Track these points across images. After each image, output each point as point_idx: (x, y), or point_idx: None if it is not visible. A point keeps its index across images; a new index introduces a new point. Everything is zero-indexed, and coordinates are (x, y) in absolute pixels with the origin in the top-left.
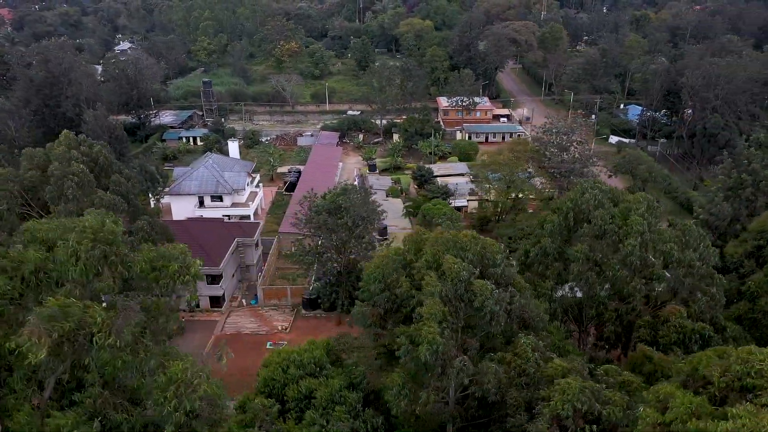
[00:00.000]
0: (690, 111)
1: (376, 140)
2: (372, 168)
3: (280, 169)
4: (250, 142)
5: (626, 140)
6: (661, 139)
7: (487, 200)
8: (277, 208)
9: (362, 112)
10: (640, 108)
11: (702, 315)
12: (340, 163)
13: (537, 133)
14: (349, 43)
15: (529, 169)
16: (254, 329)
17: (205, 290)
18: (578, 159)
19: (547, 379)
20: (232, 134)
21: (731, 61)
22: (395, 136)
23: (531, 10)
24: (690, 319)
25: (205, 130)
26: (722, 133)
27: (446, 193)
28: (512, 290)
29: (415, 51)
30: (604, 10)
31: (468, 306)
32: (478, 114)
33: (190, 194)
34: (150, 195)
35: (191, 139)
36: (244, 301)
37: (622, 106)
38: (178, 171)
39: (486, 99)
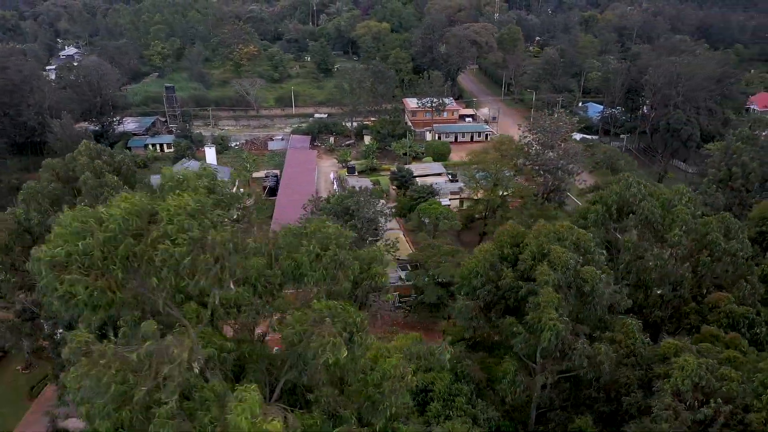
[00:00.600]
0: (648, 107)
1: (347, 143)
2: (351, 170)
3: (256, 174)
4: (220, 148)
5: (589, 137)
6: (621, 135)
7: (469, 198)
8: (260, 212)
9: (329, 115)
10: (598, 106)
11: (744, 301)
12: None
13: (523, 131)
14: (305, 45)
15: (508, 170)
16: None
17: None
18: (564, 155)
19: (659, 357)
20: (201, 140)
21: (691, 60)
22: (366, 138)
23: (482, 11)
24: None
25: (171, 137)
26: (685, 128)
27: (431, 193)
28: (605, 276)
29: (375, 53)
30: (549, 11)
31: (577, 292)
32: (445, 114)
33: None
34: None
35: (158, 146)
36: None
37: (580, 104)
38: (154, 179)
39: (452, 100)
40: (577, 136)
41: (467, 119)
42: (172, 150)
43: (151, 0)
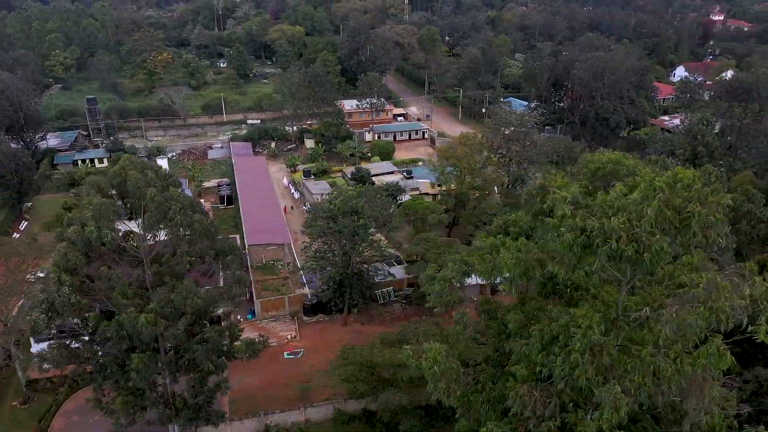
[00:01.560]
0: (569, 100)
1: (289, 147)
2: (307, 174)
3: (206, 184)
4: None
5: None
6: (547, 126)
7: (429, 194)
8: (222, 222)
9: (262, 121)
10: (518, 101)
11: None
12: None
13: (490, 126)
14: (216, 51)
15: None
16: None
17: None
18: (530, 147)
19: None
20: (134, 152)
21: (614, 55)
22: (308, 142)
23: (387, 13)
24: None
25: (102, 151)
26: (613, 117)
27: (399, 190)
28: None
29: (293, 57)
30: (449, 12)
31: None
32: (380, 114)
33: None
34: None
35: (89, 162)
36: (240, 318)
37: (502, 99)
38: None
39: (383, 100)
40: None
41: (399, 119)
42: (105, 165)
43: (38, 7)
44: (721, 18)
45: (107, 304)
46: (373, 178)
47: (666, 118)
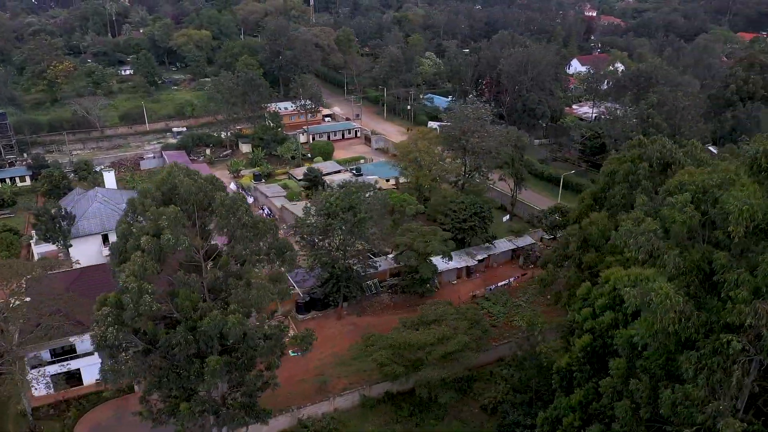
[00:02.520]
0: (491, 94)
1: (224, 153)
2: (257, 177)
3: None
4: (85, 174)
5: (444, 124)
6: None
7: (382, 189)
8: None
9: (188, 128)
10: (438, 97)
11: None
12: None
13: (447, 121)
14: (115, 58)
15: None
16: None
17: None
18: (486, 138)
19: None
20: (59, 168)
21: (535, 50)
22: (245, 147)
23: (289, 15)
24: None
25: (23, 168)
26: (538, 108)
27: (368, 186)
28: None
29: (203, 62)
30: (344, 13)
31: None
32: (310, 116)
33: (92, 234)
34: (59, 241)
35: (9, 180)
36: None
37: (422, 96)
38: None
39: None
40: (432, 124)
41: (326, 119)
42: (27, 183)
43: None
44: (594, 14)
45: (170, 311)
46: (325, 178)
47: (576, 107)
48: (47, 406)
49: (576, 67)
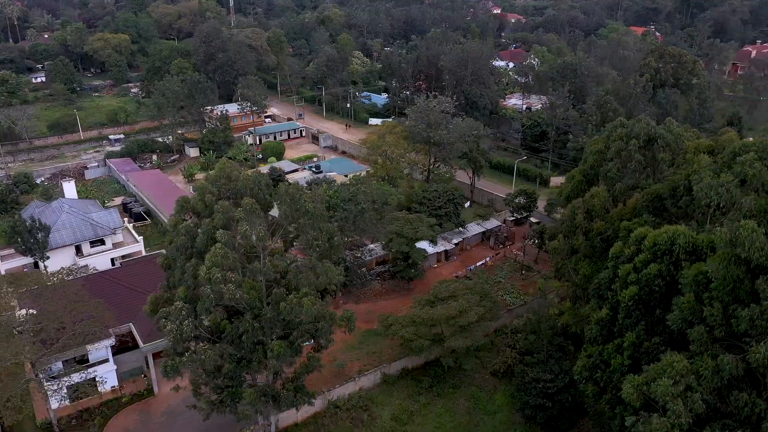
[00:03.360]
0: (428, 89)
1: (172, 158)
2: None
3: (108, 204)
4: (26, 186)
5: (386, 119)
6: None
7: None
8: (149, 239)
9: (125, 135)
10: (374, 94)
11: None
12: None
13: (412, 116)
14: (23, 66)
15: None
16: None
17: None
18: (453, 131)
19: None
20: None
21: (472, 46)
22: (192, 151)
23: (205, 16)
24: None
25: None
26: (480, 100)
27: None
28: None
29: (124, 66)
30: (261, 13)
31: None
32: (252, 117)
33: (65, 246)
34: (37, 255)
35: None
36: None
37: (359, 93)
38: None
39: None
40: (373, 121)
41: (267, 120)
42: None
43: None
44: (499, 11)
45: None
46: (287, 177)
47: (507, 99)
48: (67, 417)
49: (497, 62)
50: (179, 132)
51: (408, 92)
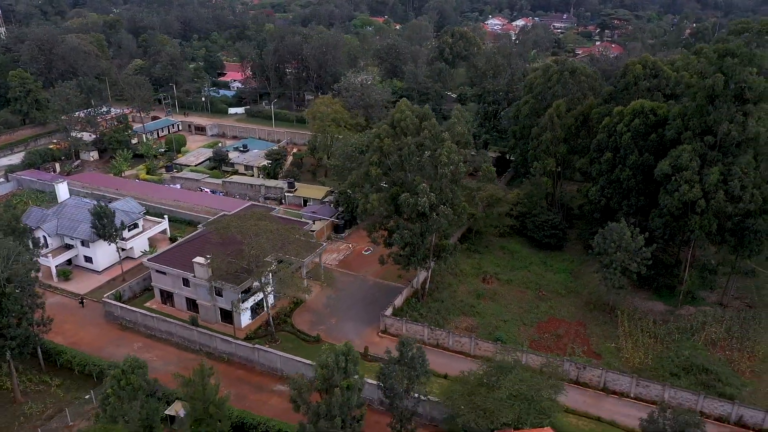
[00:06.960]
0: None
1: (75, 163)
2: (170, 169)
3: None
4: None
5: (242, 109)
6: (266, 101)
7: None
8: None
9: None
10: (221, 89)
11: None
12: None
13: (342, 93)
14: None
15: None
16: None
17: None
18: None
19: None
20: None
21: (329, 36)
22: (93, 154)
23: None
24: None
25: None
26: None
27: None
28: None
29: None
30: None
31: None
32: (142, 116)
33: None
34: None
35: None
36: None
37: (207, 88)
38: None
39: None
40: (232, 110)
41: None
42: None
43: None
44: (269, 10)
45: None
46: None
47: None
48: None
49: None
50: (77, 136)
51: (269, 81)
